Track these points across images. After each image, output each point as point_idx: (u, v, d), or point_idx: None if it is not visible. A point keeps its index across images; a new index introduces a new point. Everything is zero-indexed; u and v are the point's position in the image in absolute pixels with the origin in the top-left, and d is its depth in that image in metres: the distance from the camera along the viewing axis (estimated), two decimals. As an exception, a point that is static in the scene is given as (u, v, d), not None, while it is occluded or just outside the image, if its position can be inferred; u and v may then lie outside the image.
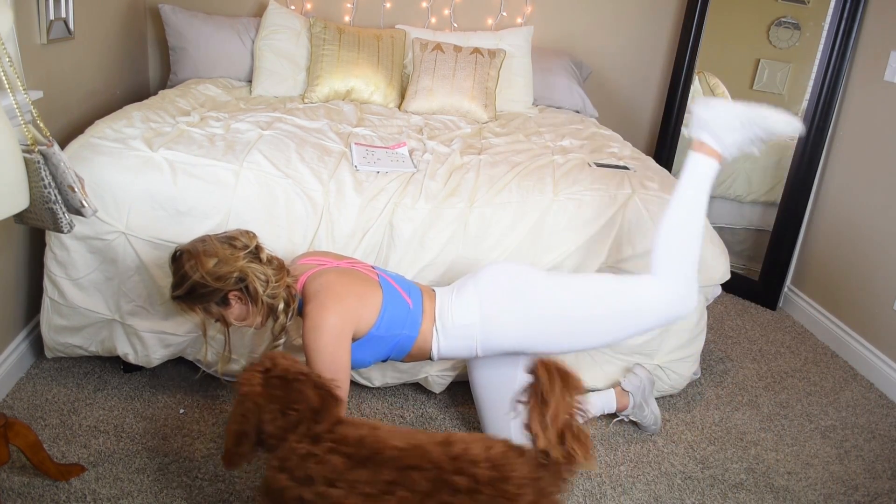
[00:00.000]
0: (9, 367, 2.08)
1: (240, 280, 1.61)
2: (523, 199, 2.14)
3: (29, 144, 1.56)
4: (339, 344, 1.60)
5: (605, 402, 2.14)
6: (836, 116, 3.03)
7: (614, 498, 1.92)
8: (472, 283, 1.79)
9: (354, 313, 1.63)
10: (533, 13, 3.62)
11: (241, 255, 1.62)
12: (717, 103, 1.83)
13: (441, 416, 2.18)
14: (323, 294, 1.62)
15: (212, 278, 1.59)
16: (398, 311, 1.71)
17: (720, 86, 3.63)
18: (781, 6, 3.37)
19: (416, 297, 1.76)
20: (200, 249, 1.61)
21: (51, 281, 2.02)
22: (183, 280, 1.61)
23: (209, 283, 1.59)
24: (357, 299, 1.65)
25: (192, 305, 1.65)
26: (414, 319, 1.73)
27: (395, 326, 1.70)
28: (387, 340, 1.71)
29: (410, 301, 1.74)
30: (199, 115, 2.43)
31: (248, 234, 1.68)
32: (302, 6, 3.45)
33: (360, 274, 1.74)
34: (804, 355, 2.86)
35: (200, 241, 1.64)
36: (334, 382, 1.51)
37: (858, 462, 2.19)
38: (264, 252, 1.68)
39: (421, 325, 1.74)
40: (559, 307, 1.76)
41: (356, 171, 2.15)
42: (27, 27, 2.11)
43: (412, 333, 1.73)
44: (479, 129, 2.86)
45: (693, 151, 1.85)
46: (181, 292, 1.62)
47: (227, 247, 1.62)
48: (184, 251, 1.63)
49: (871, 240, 2.80)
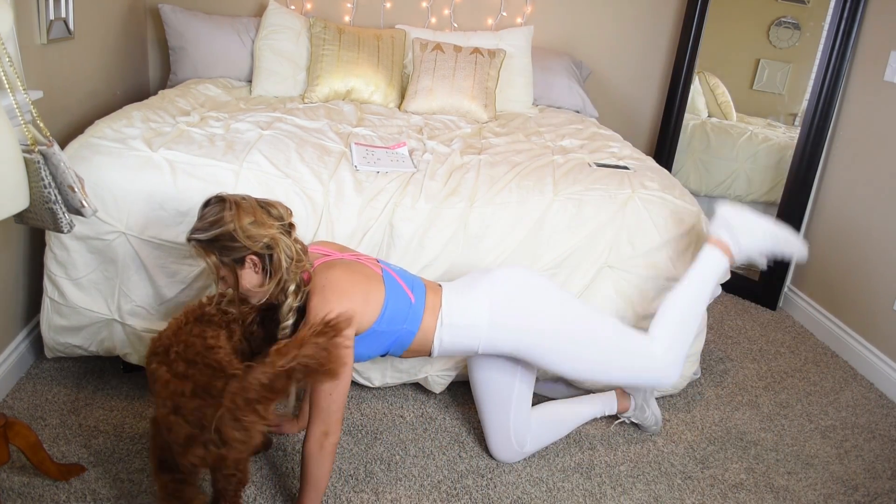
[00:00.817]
0: (9, 367, 2.08)
1: (267, 247, 1.58)
2: (523, 199, 2.14)
3: (29, 144, 1.56)
4: None
5: (605, 403, 2.14)
6: (836, 116, 3.03)
7: (614, 498, 1.92)
8: (486, 283, 1.80)
9: (358, 310, 1.63)
10: (533, 13, 3.62)
11: (275, 224, 1.60)
12: (747, 213, 2.01)
13: (441, 416, 2.19)
14: (329, 290, 1.61)
15: (244, 234, 1.55)
16: (400, 306, 1.71)
17: (720, 86, 3.63)
18: (781, 6, 3.37)
19: (419, 292, 1.76)
20: (241, 203, 1.58)
21: (51, 281, 2.02)
22: (214, 225, 1.56)
23: (239, 238, 1.55)
24: (362, 296, 1.65)
25: (208, 251, 1.59)
26: (415, 314, 1.73)
27: (396, 321, 1.70)
28: (387, 335, 1.71)
29: (413, 296, 1.74)
30: (199, 115, 2.43)
31: (285, 208, 1.67)
32: (302, 6, 3.45)
33: (364, 268, 1.73)
34: (804, 355, 2.86)
35: (241, 198, 1.61)
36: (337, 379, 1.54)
37: (858, 462, 2.19)
38: (295, 230, 1.67)
39: (422, 320, 1.74)
40: (562, 335, 1.81)
41: (356, 171, 2.15)
42: (27, 27, 2.11)
43: (412, 328, 1.73)
44: (479, 128, 2.86)
45: (709, 245, 2.02)
46: (206, 236, 1.57)
47: (264, 212, 1.60)
48: (225, 198, 1.59)
49: (871, 240, 2.80)
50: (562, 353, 1.80)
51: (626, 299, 2.17)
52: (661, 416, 2.20)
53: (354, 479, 1.89)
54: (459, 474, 1.95)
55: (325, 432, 1.60)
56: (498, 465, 2.00)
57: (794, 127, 3.36)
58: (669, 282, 2.18)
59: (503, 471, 1.98)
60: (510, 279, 1.82)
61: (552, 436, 2.04)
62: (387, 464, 1.96)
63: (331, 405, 1.59)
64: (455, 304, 1.77)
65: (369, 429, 2.10)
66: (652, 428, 2.18)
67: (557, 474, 1.99)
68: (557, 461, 2.04)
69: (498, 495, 1.88)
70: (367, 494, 1.84)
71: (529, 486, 1.93)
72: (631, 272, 2.16)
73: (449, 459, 2.00)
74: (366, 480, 1.89)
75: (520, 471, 1.99)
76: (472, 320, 1.75)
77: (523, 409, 1.96)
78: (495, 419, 1.96)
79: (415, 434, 2.10)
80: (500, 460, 2.00)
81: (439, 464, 1.98)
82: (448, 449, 2.05)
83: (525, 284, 1.82)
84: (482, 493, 1.88)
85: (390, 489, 1.86)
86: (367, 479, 1.89)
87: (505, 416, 1.94)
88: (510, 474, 1.97)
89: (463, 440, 2.09)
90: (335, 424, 1.61)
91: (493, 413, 1.96)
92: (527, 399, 1.95)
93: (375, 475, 1.91)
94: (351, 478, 1.89)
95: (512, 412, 1.94)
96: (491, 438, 1.98)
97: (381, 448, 2.02)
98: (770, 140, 3.44)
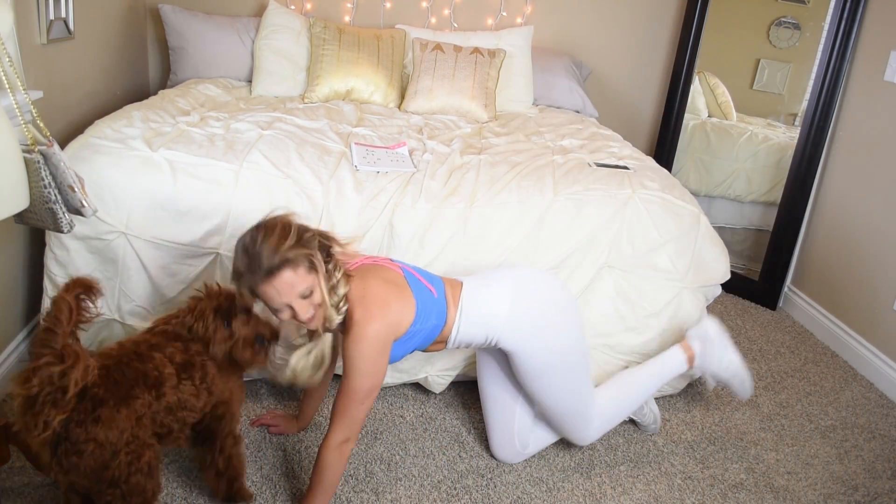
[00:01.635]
0: (9, 367, 2.08)
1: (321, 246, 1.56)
2: (523, 199, 2.14)
3: (29, 144, 1.56)
4: (382, 352, 1.61)
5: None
6: (836, 116, 3.03)
7: (614, 498, 1.92)
8: (512, 278, 1.80)
9: (398, 319, 1.63)
10: (533, 13, 3.62)
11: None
12: (727, 340, 2.08)
13: (441, 416, 2.19)
14: (369, 301, 1.60)
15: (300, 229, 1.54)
16: (427, 304, 1.70)
17: (720, 86, 3.63)
18: (781, 6, 3.37)
19: (438, 286, 1.76)
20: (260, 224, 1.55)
21: (51, 281, 2.02)
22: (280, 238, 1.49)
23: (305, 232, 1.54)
24: (400, 305, 1.64)
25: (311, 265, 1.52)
26: (440, 308, 1.73)
27: (428, 319, 1.70)
28: (421, 333, 1.71)
29: (434, 290, 1.73)
30: (199, 115, 2.43)
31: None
32: (302, 6, 3.45)
33: (388, 272, 1.71)
34: (804, 355, 2.86)
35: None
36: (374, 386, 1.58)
37: (858, 462, 2.19)
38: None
39: (447, 313, 1.74)
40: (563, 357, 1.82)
41: (356, 171, 2.15)
42: (27, 27, 2.11)
43: (440, 322, 1.73)
44: (479, 128, 2.86)
45: (680, 347, 2.08)
46: (291, 249, 1.49)
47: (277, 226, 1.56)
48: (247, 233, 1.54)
49: (871, 240, 2.80)
50: (550, 371, 1.81)
51: (626, 299, 2.18)
52: (659, 414, 2.20)
53: (354, 479, 1.89)
54: (459, 474, 1.95)
55: (347, 439, 1.60)
56: (498, 465, 2.00)
57: (794, 127, 3.36)
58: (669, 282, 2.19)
59: (503, 471, 1.98)
60: (539, 282, 1.83)
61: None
62: (387, 464, 1.96)
63: (358, 413, 1.59)
64: (476, 294, 1.76)
65: (369, 429, 2.10)
66: (651, 427, 2.18)
67: (557, 474, 1.99)
68: (557, 461, 2.04)
69: (498, 495, 1.88)
70: (367, 494, 1.84)
71: (529, 485, 1.93)
72: (631, 272, 2.16)
73: (449, 459, 2.00)
74: (366, 480, 1.89)
75: (520, 471, 1.99)
76: (493, 310, 1.75)
77: (529, 410, 1.96)
78: (500, 418, 1.95)
79: (415, 434, 2.10)
80: (500, 460, 2.00)
81: (439, 464, 1.98)
82: (448, 449, 2.05)
83: (551, 294, 1.83)
84: (482, 493, 1.88)
85: (390, 489, 1.87)
86: (367, 479, 1.89)
87: (510, 416, 1.94)
88: (510, 474, 1.97)
89: (463, 440, 2.09)
90: (357, 433, 1.62)
91: (498, 412, 1.96)
92: (533, 402, 1.96)
93: (375, 475, 1.91)
94: (351, 478, 1.89)
95: (517, 413, 1.94)
96: (493, 437, 1.99)
97: (381, 448, 2.02)
98: (770, 140, 3.44)
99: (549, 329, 1.79)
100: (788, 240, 3.18)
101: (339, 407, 1.59)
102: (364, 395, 1.58)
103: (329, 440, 1.59)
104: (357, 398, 1.58)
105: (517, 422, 1.94)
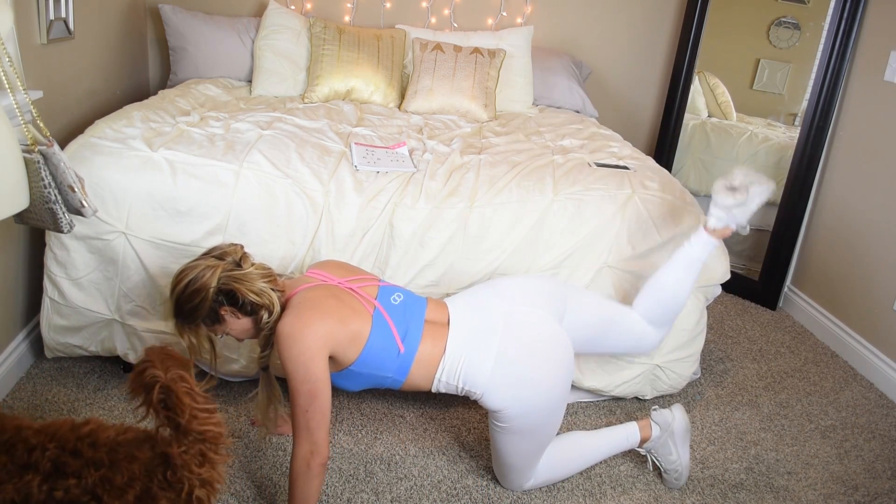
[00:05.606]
0: (9, 367, 2.08)
1: (224, 293, 1.60)
2: (523, 199, 2.14)
3: (29, 144, 1.56)
4: (314, 354, 1.55)
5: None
6: (836, 116, 3.03)
7: (614, 498, 1.92)
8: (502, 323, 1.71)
9: (331, 330, 1.57)
10: (533, 13, 3.62)
11: (219, 265, 1.60)
12: (687, 446, 1.95)
13: (441, 416, 2.19)
14: (303, 306, 1.59)
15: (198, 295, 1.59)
16: (385, 354, 1.65)
17: (720, 85, 3.63)
18: (781, 6, 3.37)
19: (411, 342, 1.67)
20: (177, 275, 1.62)
21: (51, 281, 2.02)
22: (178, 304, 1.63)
23: (196, 299, 1.59)
24: (338, 322, 1.59)
25: (190, 327, 1.65)
26: (402, 366, 1.66)
27: (379, 368, 1.65)
28: (370, 378, 1.67)
29: (403, 346, 1.66)
30: (199, 115, 2.43)
31: (229, 245, 1.69)
32: (302, 6, 3.45)
33: (353, 302, 1.67)
34: (804, 355, 2.86)
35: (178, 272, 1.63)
36: (312, 392, 1.53)
37: (858, 462, 2.19)
38: (248, 259, 1.67)
39: (410, 371, 1.67)
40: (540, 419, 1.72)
41: (356, 170, 2.15)
42: (27, 27, 2.11)
43: (398, 377, 1.68)
44: (479, 128, 2.86)
45: (637, 424, 1.96)
46: (180, 317, 1.65)
47: (199, 265, 1.61)
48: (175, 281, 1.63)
49: (871, 240, 2.80)
50: (517, 435, 1.73)
51: (625, 299, 2.17)
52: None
53: (354, 479, 1.89)
54: (459, 474, 1.95)
55: (311, 451, 1.55)
56: (498, 465, 2.00)
57: (794, 127, 3.36)
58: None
59: (503, 471, 1.98)
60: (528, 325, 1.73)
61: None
62: (387, 464, 1.96)
63: (309, 422, 1.55)
64: (459, 357, 1.69)
65: (369, 429, 2.10)
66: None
67: (557, 474, 1.99)
68: (557, 461, 2.04)
69: (498, 495, 1.88)
70: (367, 494, 1.84)
71: (529, 486, 1.93)
72: (631, 272, 2.16)
73: (449, 459, 2.00)
74: (366, 480, 1.89)
75: (520, 471, 1.98)
76: (475, 379, 1.68)
77: None
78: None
79: (415, 434, 2.10)
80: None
81: (439, 464, 1.98)
82: (448, 449, 2.05)
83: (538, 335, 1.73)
84: (482, 493, 1.88)
85: (390, 489, 1.87)
86: (367, 479, 1.89)
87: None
88: (510, 474, 1.97)
89: (463, 440, 2.09)
90: (320, 443, 1.55)
91: None
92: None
93: (375, 475, 1.91)
94: (351, 478, 1.89)
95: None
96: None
97: (381, 448, 2.02)
98: (770, 140, 3.44)
99: (534, 398, 1.69)
100: (788, 240, 3.18)
101: (292, 417, 1.58)
102: (306, 402, 1.54)
103: (294, 452, 1.57)
104: (300, 405, 1.55)
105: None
